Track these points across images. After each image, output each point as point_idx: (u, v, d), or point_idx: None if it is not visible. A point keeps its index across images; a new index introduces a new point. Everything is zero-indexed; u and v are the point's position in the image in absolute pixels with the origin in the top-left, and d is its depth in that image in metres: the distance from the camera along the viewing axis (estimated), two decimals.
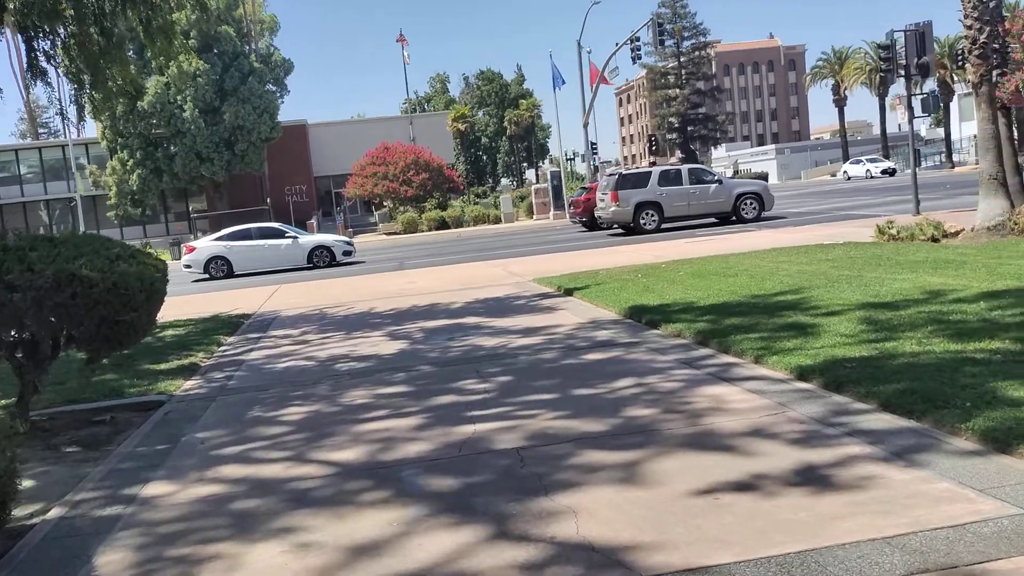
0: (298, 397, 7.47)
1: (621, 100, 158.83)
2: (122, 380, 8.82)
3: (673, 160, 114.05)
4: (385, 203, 55.42)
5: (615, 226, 27.68)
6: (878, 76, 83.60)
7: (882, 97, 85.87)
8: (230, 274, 25.90)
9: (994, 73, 14.22)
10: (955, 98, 74.48)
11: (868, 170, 64.24)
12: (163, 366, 9.60)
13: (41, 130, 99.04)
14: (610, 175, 26.96)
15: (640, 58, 62.85)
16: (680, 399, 5.97)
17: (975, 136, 77.49)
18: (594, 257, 19.12)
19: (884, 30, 22.45)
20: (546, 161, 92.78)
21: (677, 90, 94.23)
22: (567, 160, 76.44)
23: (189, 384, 8.66)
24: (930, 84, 77.05)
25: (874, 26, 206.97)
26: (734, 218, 25.80)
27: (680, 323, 8.71)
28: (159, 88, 53.06)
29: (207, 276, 25.97)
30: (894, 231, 15.46)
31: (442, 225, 49.44)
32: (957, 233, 15.02)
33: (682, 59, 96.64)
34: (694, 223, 26.23)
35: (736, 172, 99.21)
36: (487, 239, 34.12)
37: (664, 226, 25.54)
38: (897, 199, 30.23)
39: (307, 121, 64.76)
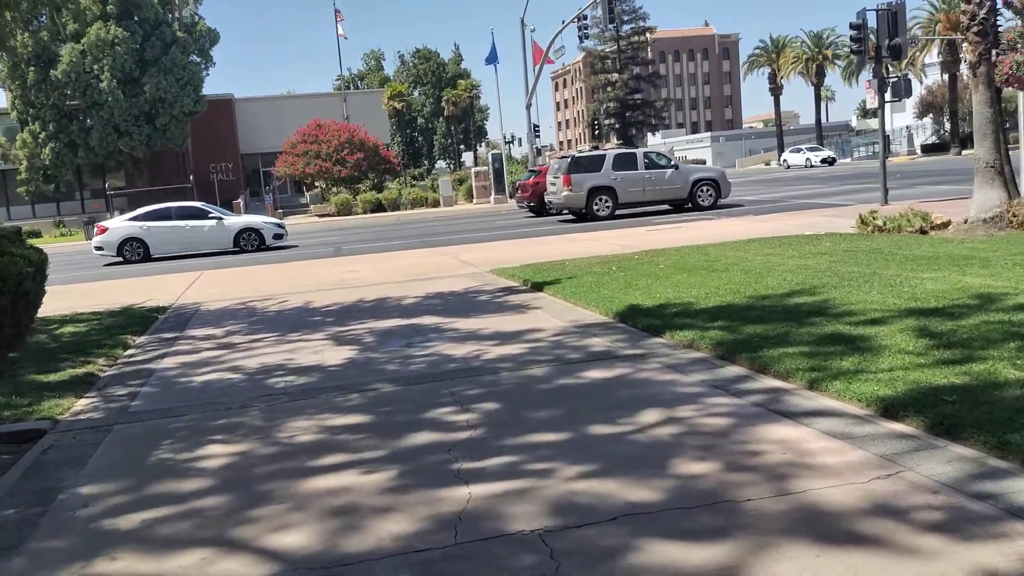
0: (221, 428, 5.77)
1: (558, 84, 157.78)
2: None
3: (610, 145, 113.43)
4: (317, 183, 53.03)
5: (565, 212, 26.26)
6: (814, 66, 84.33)
7: (817, 87, 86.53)
8: (147, 257, 23.62)
9: (993, 52, 13.15)
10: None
11: (808, 159, 64.32)
12: (52, 377, 7.73)
13: None
14: (561, 158, 25.48)
15: (588, 36, 61.63)
16: (739, 446, 4.49)
17: (907, 127, 78.25)
18: (551, 245, 17.63)
19: (819, 20, 21.53)
20: (483, 144, 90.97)
21: (616, 75, 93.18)
22: (507, 143, 74.74)
23: (81, 404, 6.84)
24: (866, 74, 77.79)
25: (809, 16, 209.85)
26: (689, 205, 24.63)
27: (688, 330, 7.26)
28: (74, 56, 49.57)
29: (121, 259, 23.65)
30: (879, 222, 14.34)
31: (378, 208, 47.37)
32: (945, 225, 13.99)
33: (621, 43, 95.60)
34: (648, 210, 24.98)
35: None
36: (429, 223, 32.35)
37: (618, 212, 24.20)
38: (853, 188, 29.55)
39: (234, 95, 61.74)
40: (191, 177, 52.63)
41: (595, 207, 23.90)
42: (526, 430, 5.10)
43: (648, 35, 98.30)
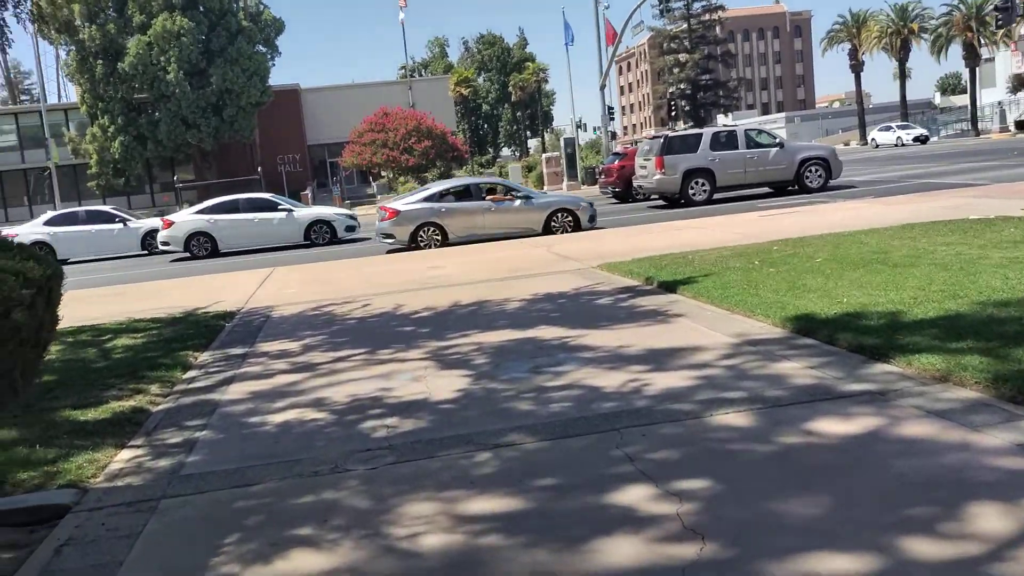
0: (308, 514, 4.03)
1: (621, 68, 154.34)
2: (13, 448, 5.35)
3: (681, 128, 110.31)
4: (384, 173, 51.77)
5: (654, 197, 24.23)
6: (899, 40, 79.77)
7: (902, 62, 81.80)
8: (215, 252, 22.34)
9: None
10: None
11: (899, 137, 60.66)
12: (91, 413, 6.13)
13: (23, 97, 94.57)
14: (653, 138, 23.40)
15: (669, 10, 58.89)
16: None
17: (999, 103, 73.75)
18: (654, 235, 15.64)
19: None
20: (549, 130, 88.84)
21: (687, 55, 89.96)
22: (577, 127, 72.49)
23: (122, 459, 5.20)
24: (955, 50, 73.45)
25: None
26: (795, 187, 22.32)
27: (931, 354, 5.29)
28: (140, 48, 49.13)
29: (188, 255, 22.42)
30: None
31: None
32: None
33: (691, 22, 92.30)
34: (745, 194, 22.75)
35: None
36: None
37: (716, 196, 22.04)
38: (970, 166, 26.78)
39: (300, 85, 60.87)
40: (259, 169, 51.92)
41: (691, 191, 21.80)
42: (792, 542, 3.22)
43: (720, 13, 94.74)
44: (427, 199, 18.76)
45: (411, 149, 48.68)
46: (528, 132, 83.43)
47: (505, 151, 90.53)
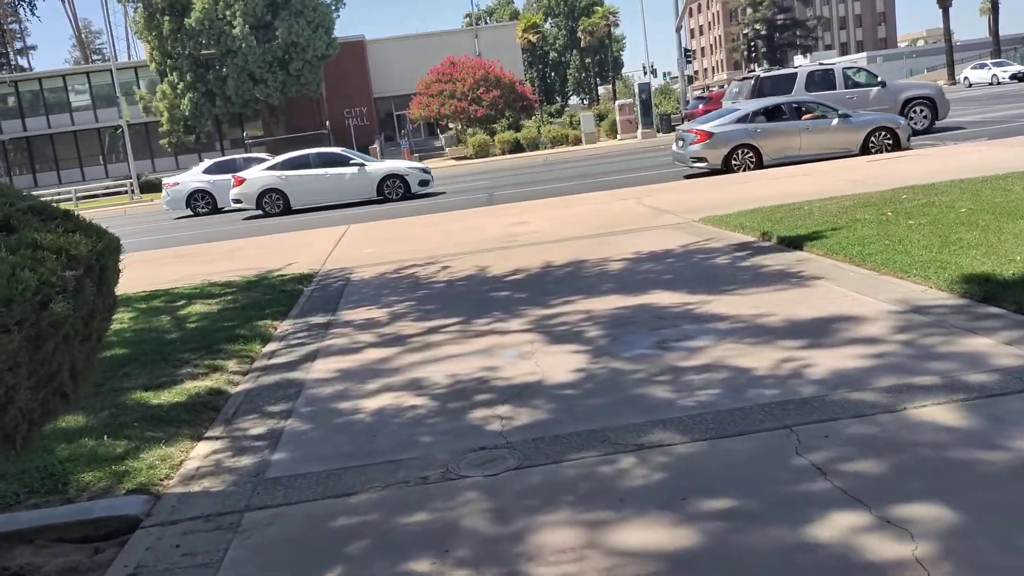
0: (422, 540, 3.27)
1: (691, 10, 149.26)
2: (79, 440, 4.72)
3: (758, 71, 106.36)
4: (451, 125, 50.89)
5: None
6: None
7: None
8: (287, 210, 21.84)
9: None
10: None
11: (995, 75, 57.01)
12: (164, 396, 5.49)
13: (95, 56, 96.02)
14: (743, 79, 21.93)
15: None
16: None
17: None
18: (755, 184, 14.46)
19: None
20: (619, 76, 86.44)
21: None
22: (646, 73, 70.11)
23: (198, 455, 4.53)
24: None
25: None
26: None
27: None
28: (206, 3, 48.83)
29: (260, 212, 21.99)
30: None
31: (516, 148, 44.66)
32: None
33: None
34: None
35: None
36: (581, 163, 29.41)
37: None
38: None
39: (365, 37, 59.98)
40: (327, 123, 51.58)
41: None
42: None
43: None
44: (740, 119, 17.70)
45: (479, 99, 47.57)
46: (597, 79, 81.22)
47: (573, 99, 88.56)
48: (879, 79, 21.14)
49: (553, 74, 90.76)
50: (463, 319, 6.97)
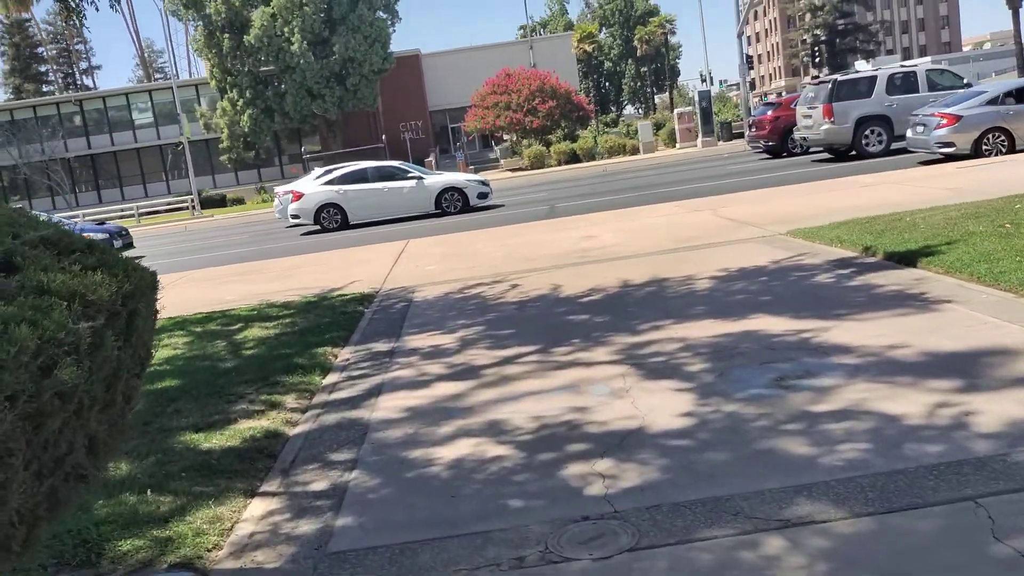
0: None
1: (748, 18, 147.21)
2: (120, 494, 4.14)
3: (818, 77, 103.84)
4: (506, 136, 50.41)
5: (815, 150, 21.83)
6: None
7: None
8: (344, 225, 21.46)
9: None
10: None
11: None
12: (216, 439, 4.92)
13: (157, 75, 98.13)
14: (820, 83, 20.92)
15: None
16: None
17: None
18: (842, 195, 13.51)
19: None
20: (675, 86, 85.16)
21: None
22: (703, 82, 68.75)
23: (252, 517, 3.90)
24: None
25: None
26: None
27: None
28: (265, 20, 49.27)
29: (318, 228, 21.64)
30: None
31: (572, 159, 44.00)
32: None
33: None
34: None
35: None
36: (642, 173, 28.60)
37: (893, 147, 19.44)
38: None
39: (420, 51, 59.96)
40: (383, 137, 51.55)
41: (864, 142, 19.31)
42: None
43: None
44: (990, 102, 16.94)
45: (535, 110, 47.05)
46: (653, 88, 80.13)
47: (629, 109, 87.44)
48: (965, 80, 19.93)
49: (608, 84, 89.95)
50: (540, 347, 6.29)
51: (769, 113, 24.29)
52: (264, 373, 6.40)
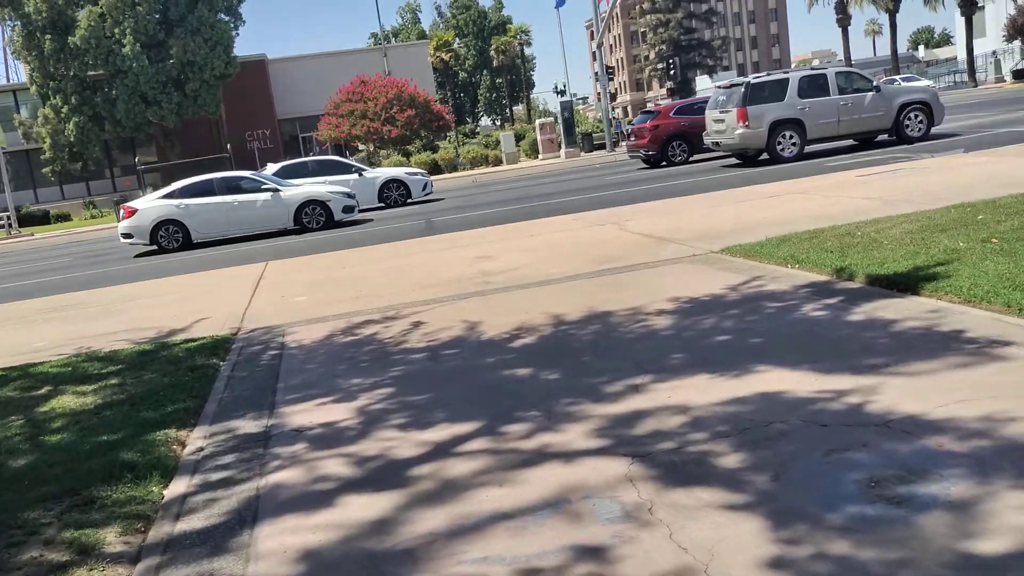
0: None
1: (592, 33, 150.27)
2: None
3: (661, 93, 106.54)
4: (362, 146, 48.12)
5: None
6: None
7: (892, 14, 78.57)
8: (187, 244, 18.82)
9: None
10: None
11: None
12: None
13: None
14: (729, 86, 20.16)
15: None
16: None
17: (993, 52, 71.45)
18: (755, 206, 12.41)
19: None
20: (525, 98, 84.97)
21: (669, 14, 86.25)
22: (557, 93, 68.63)
23: None
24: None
25: None
26: (892, 137, 19.30)
27: None
28: (92, 20, 44.93)
29: (155, 247, 18.90)
30: None
31: (434, 169, 42.27)
32: None
33: None
34: (837, 146, 19.86)
35: None
36: (514, 184, 27.22)
37: (806, 150, 19.05)
38: (1021, 115, 23.76)
39: (267, 56, 56.73)
40: (227, 146, 48.05)
41: (779, 146, 18.73)
42: None
43: None
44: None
45: (393, 119, 45.03)
46: (509, 100, 79.52)
47: (485, 120, 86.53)
48: (874, 83, 19.75)
49: (463, 95, 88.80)
50: (484, 424, 4.51)
51: (648, 122, 23.46)
52: (73, 480, 4.30)
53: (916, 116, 19.02)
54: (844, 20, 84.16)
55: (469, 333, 6.69)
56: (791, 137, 18.63)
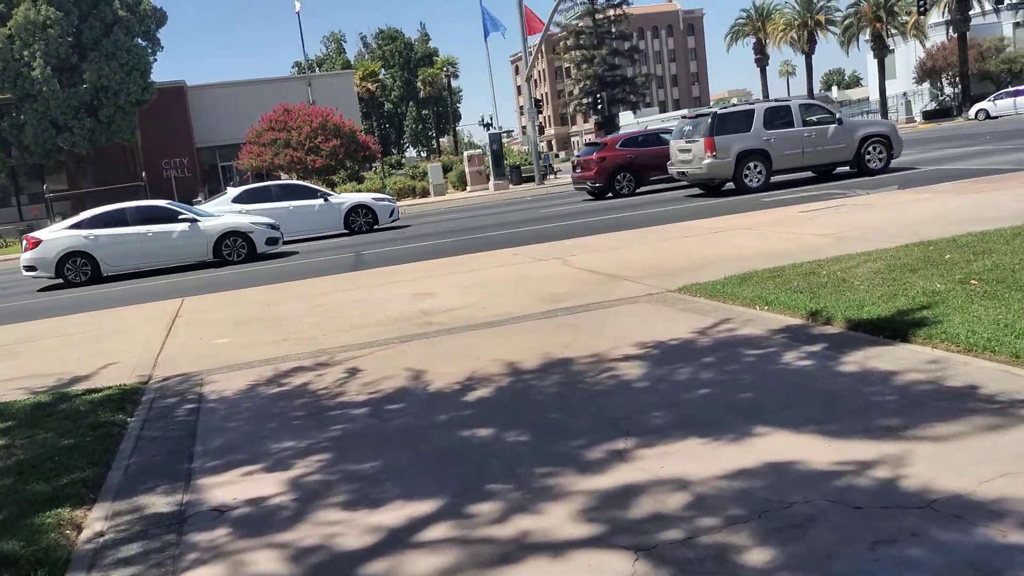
0: None
1: (518, 68, 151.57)
2: None
3: (585, 128, 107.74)
4: (285, 176, 46.84)
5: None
6: (806, 32, 79.30)
7: (808, 55, 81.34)
8: (96, 277, 17.54)
9: None
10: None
11: None
12: None
13: None
14: (696, 116, 20.22)
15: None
16: None
17: (904, 94, 74.24)
18: (696, 241, 12.04)
19: None
20: (451, 131, 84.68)
21: (594, 51, 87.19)
22: (483, 125, 68.44)
23: None
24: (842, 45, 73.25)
25: None
26: (853, 169, 19.53)
27: None
28: (0, 41, 42.74)
29: (61, 281, 17.56)
30: None
31: None
32: None
33: (597, 17, 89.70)
34: (798, 178, 19.93)
35: None
36: (446, 216, 26.55)
37: (771, 180, 19.11)
38: (949, 153, 24.26)
39: (186, 83, 55.06)
40: (143, 175, 46.16)
41: (745, 176, 18.71)
42: None
43: (624, 7, 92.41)
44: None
45: (317, 149, 43.91)
46: (436, 131, 79.03)
47: (410, 151, 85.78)
48: (837, 116, 20.04)
49: (388, 125, 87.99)
50: (446, 502, 3.79)
51: (595, 154, 23.24)
52: None
53: (876, 148, 19.31)
54: (763, 60, 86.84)
55: (415, 383, 5.97)
56: (757, 167, 18.70)
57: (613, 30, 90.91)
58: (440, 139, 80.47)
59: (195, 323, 10.13)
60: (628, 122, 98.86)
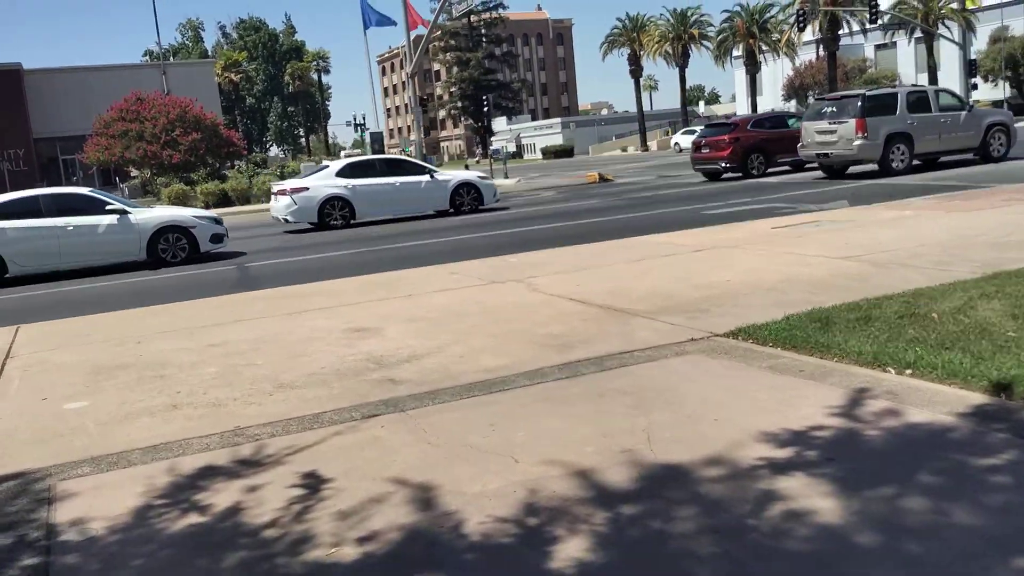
0: None
1: (385, 69, 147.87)
2: None
3: (455, 133, 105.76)
4: (136, 172, 42.33)
5: (819, 165, 21.00)
6: (680, 46, 80.00)
7: (682, 68, 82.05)
8: None
9: None
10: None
11: None
12: None
13: None
14: (842, 97, 20.10)
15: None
16: None
17: (773, 110, 76.44)
18: (692, 261, 10.02)
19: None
20: (327, 127, 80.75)
21: (470, 54, 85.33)
22: (354, 125, 65.08)
23: None
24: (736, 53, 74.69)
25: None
26: (977, 156, 19.95)
27: None
28: None
29: None
30: None
31: (224, 201, 37.35)
32: None
33: (473, 19, 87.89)
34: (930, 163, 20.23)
35: (519, 147, 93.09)
36: None
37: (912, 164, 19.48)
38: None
39: (22, 66, 49.33)
40: None
41: (891, 158, 18.82)
42: None
43: (500, 11, 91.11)
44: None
45: (175, 143, 39.75)
46: (304, 129, 74.81)
47: (274, 150, 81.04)
48: (967, 103, 20.46)
49: (250, 121, 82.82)
50: None
51: (727, 135, 23.50)
52: None
53: (1000, 137, 19.80)
54: (637, 72, 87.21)
55: (431, 519, 3.50)
56: (901, 151, 18.88)
57: (487, 32, 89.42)
58: (308, 138, 76.25)
59: (34, 370, 7.14)
60: (501, 128, 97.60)
